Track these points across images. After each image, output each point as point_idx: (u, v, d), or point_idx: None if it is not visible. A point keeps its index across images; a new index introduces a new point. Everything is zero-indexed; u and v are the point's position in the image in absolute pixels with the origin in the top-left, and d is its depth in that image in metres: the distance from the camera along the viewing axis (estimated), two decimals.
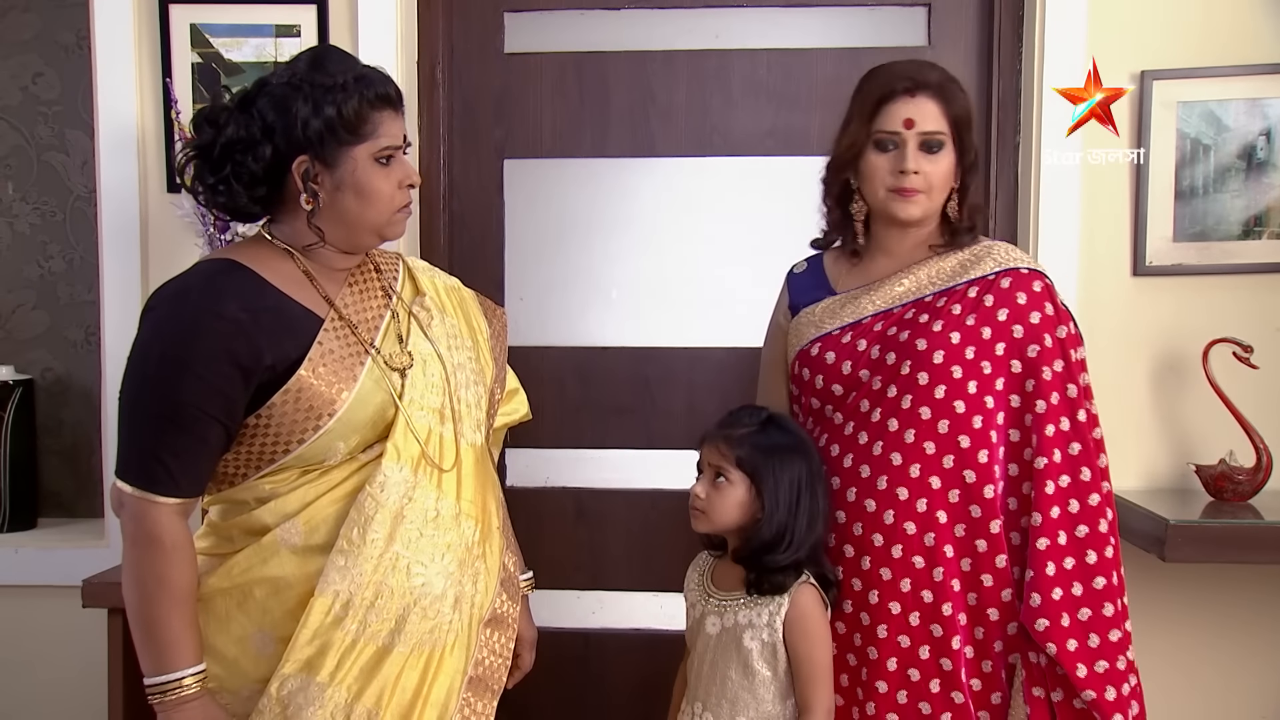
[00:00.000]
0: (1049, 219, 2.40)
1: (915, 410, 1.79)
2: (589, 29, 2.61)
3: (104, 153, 2.51)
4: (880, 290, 1.89)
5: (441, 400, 1.67)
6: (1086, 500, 1.75)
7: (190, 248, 2.40)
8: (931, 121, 1.81)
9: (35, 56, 2.74)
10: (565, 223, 2.65)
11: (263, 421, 1.54)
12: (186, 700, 1.53)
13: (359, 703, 1.55)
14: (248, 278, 1.57)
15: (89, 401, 2.77)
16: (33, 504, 2.74)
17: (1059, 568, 1.72)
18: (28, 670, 2.61)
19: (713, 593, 1.85)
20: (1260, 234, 2.38)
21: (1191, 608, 2.43)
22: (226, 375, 1.50)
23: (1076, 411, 1.77)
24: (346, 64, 1.59)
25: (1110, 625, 1.73)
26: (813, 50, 2.55)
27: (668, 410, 2.61)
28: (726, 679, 1.79)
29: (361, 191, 1.58)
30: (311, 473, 1.59)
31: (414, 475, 1.60)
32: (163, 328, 1.54)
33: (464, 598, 1.64)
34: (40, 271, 2.79)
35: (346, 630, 1.54)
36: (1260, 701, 2.45)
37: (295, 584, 1.56)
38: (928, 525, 1.77)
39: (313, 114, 1.54)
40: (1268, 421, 2.28)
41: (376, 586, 1.56)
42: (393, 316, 1.68)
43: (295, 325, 1.57)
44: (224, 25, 2.48)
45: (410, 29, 2.54)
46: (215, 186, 1.59)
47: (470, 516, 1.67)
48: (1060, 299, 1.84)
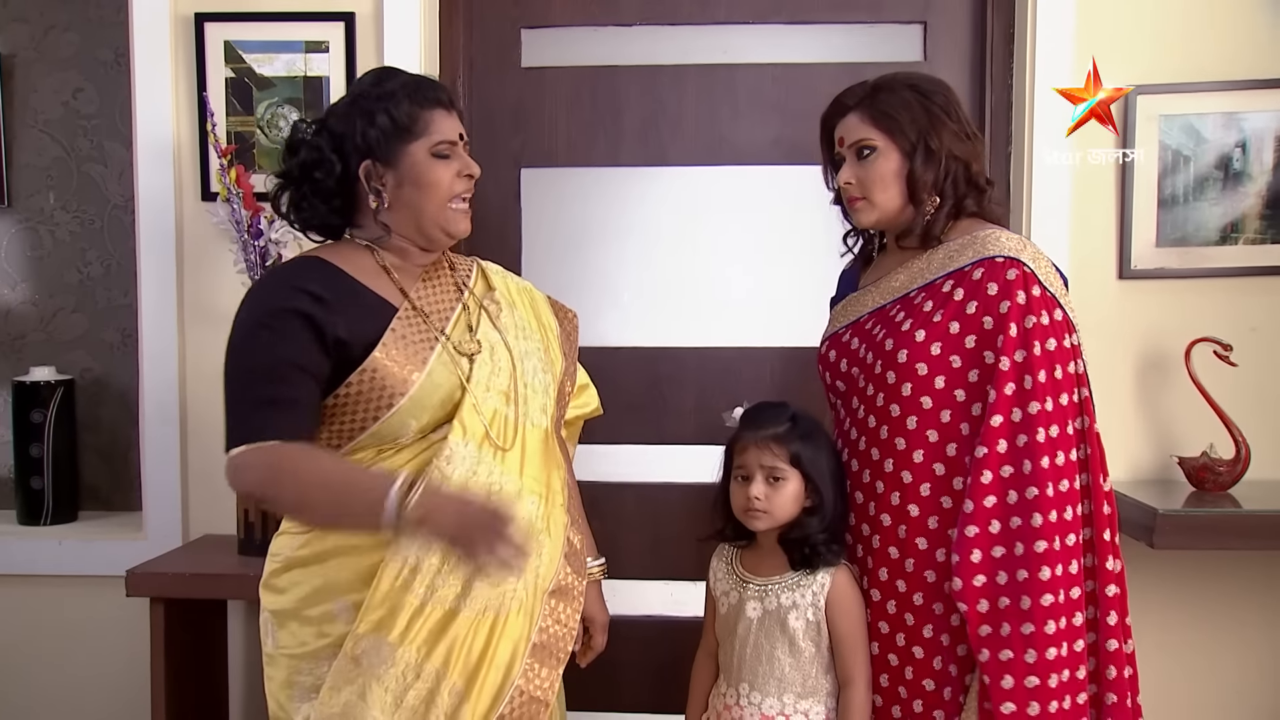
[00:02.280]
0: (1040, 226, 2.49)
1: (887, 408, 1.82)
2: (602, 44, 2.71)
3: (142, 163, 2.61)
4: (880, 287, 1.94)
5: (508, 384, 1.78)
6: (1024, 493, 1.71)
7: (224, 254, 2.52)
8: (856, 133, 1.87)
9: (75, 73, 2.85)
10: (580, 228, 2.75)
11: (341, 401, 1.67)
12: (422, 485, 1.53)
13: (428, 662, 1.64)
14: (328, 268, 1.73)
15: (126, 400, 2.87)
16: (74, 498, 2.83)
17: (985, 555, 1.72)
18: (70, 656, 2.71)
19: (749, 579, 1.93)
20: (1237, 240, 2.48)
21: (1178, 593, 2.53)
22: (306, 336, 1.64)
23: (1029, 403, 1.72)
24: (400, 77, 1.76)
25: (1026, 618, 1.70)
26: (816, 65, 2.65)
27: (678, 408, 2.70)
28: (774, 659, 1.87)
29: (420, 183, 1.73)
30: (387, 450, 1.70)
31: (478, 451, 1.71)
32: (251, 305, 1.71)
33: (529, 569, 1.70)
34: (79, 277, 2.89)
35: (415, 593, 1.64)
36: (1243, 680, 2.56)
37: (368, 552, 1.66)
38: (901, 518, 1.81)
39: (370, 122, 1.71)
40: (1245, 416, 2.39)
41: (444, 551, 1.63)
42: (464, 308, 1.81)
43: (371, 310, 1.71)
44: (256, 42, 2.58)
45: (433, 45, 2.64)
46: (299, 204, 1.76)
47: (533, 492, 1.77)
48: (1048, 287, 1.79)
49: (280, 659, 1.74)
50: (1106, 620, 1.77)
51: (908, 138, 1.84)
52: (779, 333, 2.70)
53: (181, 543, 2.62)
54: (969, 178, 1.87)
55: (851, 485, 1.91)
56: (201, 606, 2.48)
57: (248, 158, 2.57)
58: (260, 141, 2.59)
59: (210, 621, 2.57)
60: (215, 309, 2.58)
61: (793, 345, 2.62)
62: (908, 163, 1.85)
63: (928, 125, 1.84)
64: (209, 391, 2.59)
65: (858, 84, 1.92)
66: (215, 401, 2.52)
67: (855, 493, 1.90)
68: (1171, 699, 2.53)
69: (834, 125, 1.93)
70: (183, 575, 2.33)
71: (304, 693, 1.70)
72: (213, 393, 2.54)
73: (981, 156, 1.91)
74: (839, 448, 1.96)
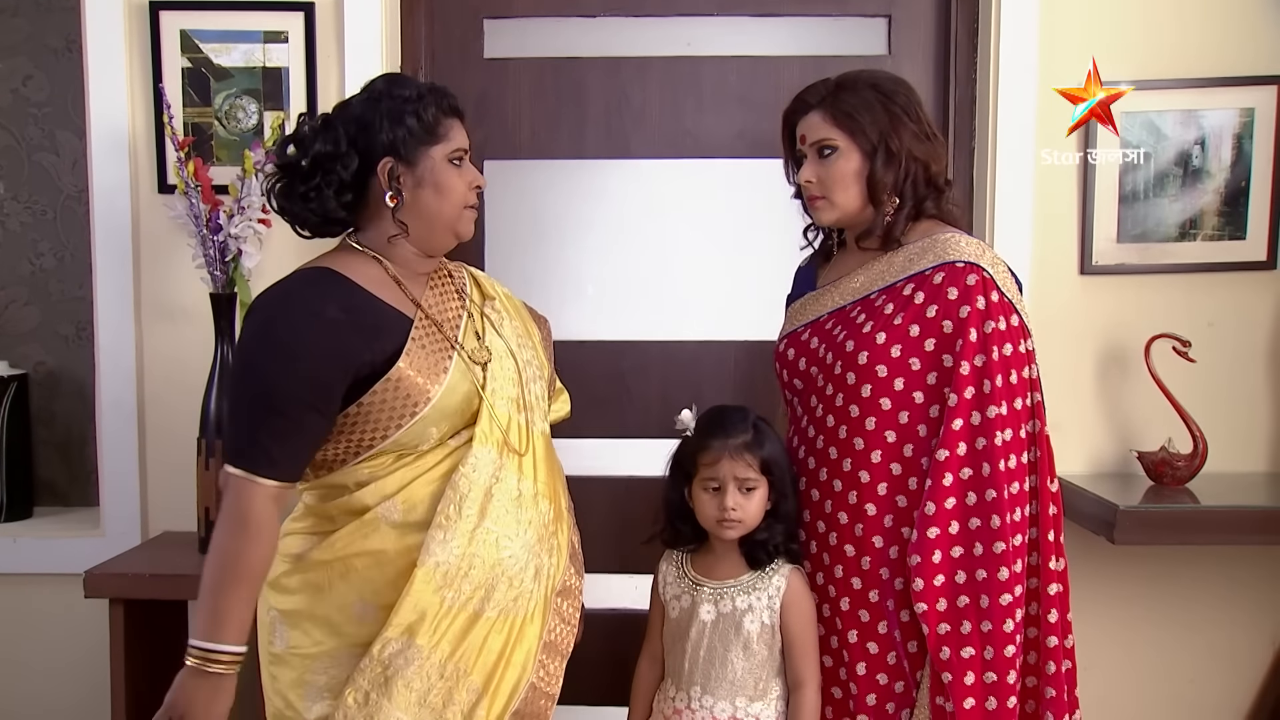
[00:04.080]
0: (1003, 220, 2.51)
1: (846, 408, 1.84)
2: (565, 35, 2.69)
3: (96, 154, 2.55)
4: (839, 287, 1.95)
5: (517, 391, 1.82)
6: (984, 495, 1.75)
7: (182, 248, 2.47)
8: (817, 131, 1.88)
9: (25, 59, 2.79)
10: (543, 221, 2.73)
11: (363, 410, 1.69)
12: (220, 675, 1.64)
13: (450, 662, 1.70)
14: (341, 282, 1.74)
15: (81, 394, 2.83)
16: (29, 494, 2.80)
17: (945, 556, 1.75)
18: (27, 657, 2.67)
19: (703, 581, 1.94)
20: (1195, 236, 2.52)
21: (1137, 587, 2.57)
22: (327, 369, 1.66)
23: (988, 407, 1.75)
24: (416, 83, 1.80)
25: (985, 616, 1.74)
26: (780, 58, 2.65)
27: (643, 401, 2.71)
28: (727, 662, 1.88)
29: (439, 187, 1.76)
30: (406, 457, 1.74)
31: (499, 458, 1.76)
32: (268, 328, 1.69)
33: (543, 570, 1.78)
34: (32, 269, 2.85)
35: (444, 598, 1.69)
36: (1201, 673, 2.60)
37: (395, 557, 1.70)
38: (857, 517, 1.83)
39: (395, 122, 1.74)
40: (1202, 410, 2.42)
41: (470, 558, 1.70)
42: (469, 316, 1.84)
43: (388, 325, 1.73)
44: (213, 31, 2.53)
45: (394, 35, 2.61)
46: (306, 195, 1.76)
47: (546, 496, 1.82)
48: (1005, 293, 1.81)
49: (292, 658, 1.76)
50: (1048, 618, 1.82)
51: (869, 139, 1.85)
52: (741, 326, 2.70)
53: (141, 540, 2.58)
54: (928, 179, 1.89)
55: (808, 483, 1.93)
56: (162, 606, 2.45)
57: (205, 149, 2.53)
58: (218, 133, 2.55)
59: (171, 621, 2.53)
60: (173, 304, 2.55)
61: (755, 339, 2.62)
62: (868, 163, 1.86)
63: (889, 126, 1.85)
64: (167, 389, 2.57)
65: (820, 81, 1.93)
66: (174, 399, 2.54)
67: (812, 491, 1.92)
68: (1130, 692, 2.59)
69: (796, 122, 1.94)
70: (142, 576, 2.29)
71: (318, 692, 1.73)
72: (171, 390, 2.55)
73: (942, 157, 1.93)
74: (795, 445, 1.97)
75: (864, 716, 1.87)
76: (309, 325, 1.67)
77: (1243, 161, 2.49)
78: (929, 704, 1.80)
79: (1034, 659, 1.83)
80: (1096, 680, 2.55)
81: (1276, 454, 2.56)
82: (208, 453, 2.38)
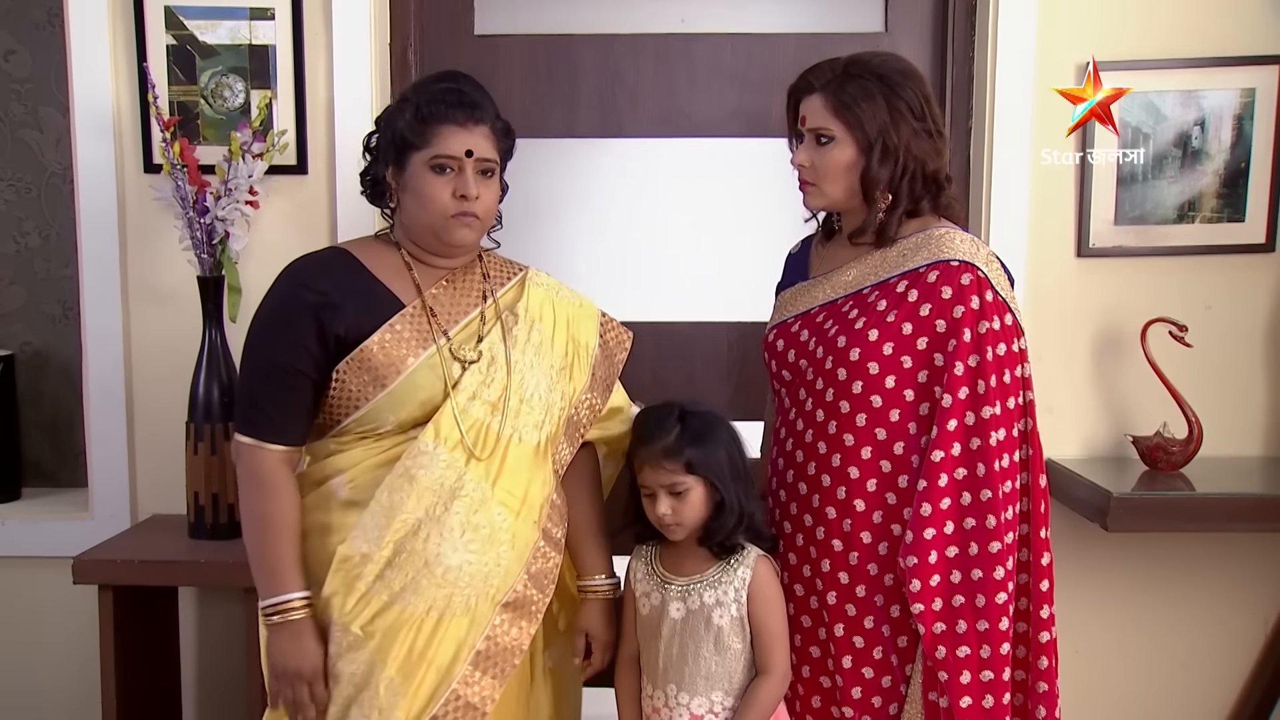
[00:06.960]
0: (1001, 202, 2.48)
1: (836, 404, 1.82)
2: (557, 12, 2.66)
3: (80, 134, 2.51)
4: (832, 279, 1.93)
5: (499, 396, 1.80)
6: (979, 495, 1.74)
7: (169, 229, 2.43)
8: (816, 117, 1.84)
9: (6, 34, 2.74)
10: (534, 200, 2.71)
11: (335, 386, 1.76)
12: (292, 621, 1.73)
13: (365, 647, 1.73)
14: (348, 261, 1.82)
15: (68, 374, 2.80)
16: (16, 475, 2.78)
17: (941, 555, 1.75)
18: (16, 639, 2.66)
19: (671, 579, 1.91)
20: (1193, 218, 2.49)
21: (1130, 573, 2.57)
22: (307, 335, 1.74)
23: (982, 407, 1.74)
24: (437, 85, 1.82)
25: (981, 615, 1.74)
26: (775, 35, 2.60)
27: (635, 382, 2.65)
28: (699, 658, 1.86)
29: (417, 194, 1.78)
30: (367, 438, 1.78)
31: (449, 455, 1.75)
32: (268, 298, 1.81)
33: (479, 576, 1.76)
34: (16, 247, 2.81)
35: (364, 579, 1.72)
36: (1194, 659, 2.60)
37: (336, 532, 1.77)
38: (846, 512, 1.82)
39: (390, 127, 1.80)
40: (1198, 394, 2.40)
41: (395, 545, 1.72)
42: (480, 316, 1.84)
43: (379, 304, 1.78)
44: (198, 8, 2.48)
45: (383, 12, 2.56)
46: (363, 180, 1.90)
47: (503, 505, 1.79)
48: (1000, 291, 1.80)
49: None
50: (1039, 614, 1.83)
51: (866, 133, 1.81)
52: (735, 307, 2.67)
53: (130, 523, 2.57)
54: (926, 176, 1.85)
55: (795, 476, 1.91)
56: (152, 592, 2.44)
57: (191, 129, 2.49)
58: (204, 112, 2.51)
59: (161, 606, 2.53)
60: (160, 286, 2.53)
61: (749, 320, 2.59)
62: (863, 158, 1.83)
63: (888, 122, 1.81)
64: (155, 372, 2.55)
65: (829, 61, 1.88)
66: (162, 382, 2.52)
67: (799, 484, 1.90)
68: (1123, 677, 2.59)
69: (797, 97, 1.91)
70: (132, 562, 2.27)
71: None
72: (159, 373, 2.53)
73: (944, 154, 1.88)
74: (783, 437, 1.95)
75: (849, 708, 1.87)
76: (298, 296, 1.76)
77: (1243, 143, 2.46)
78: (921, 699, 1.80)
79: (1023, 653, 1.83)
80: (1090, 666, 2.56)
81: (1272, 439, 2.54)
82: (196, 436, 2.36)
